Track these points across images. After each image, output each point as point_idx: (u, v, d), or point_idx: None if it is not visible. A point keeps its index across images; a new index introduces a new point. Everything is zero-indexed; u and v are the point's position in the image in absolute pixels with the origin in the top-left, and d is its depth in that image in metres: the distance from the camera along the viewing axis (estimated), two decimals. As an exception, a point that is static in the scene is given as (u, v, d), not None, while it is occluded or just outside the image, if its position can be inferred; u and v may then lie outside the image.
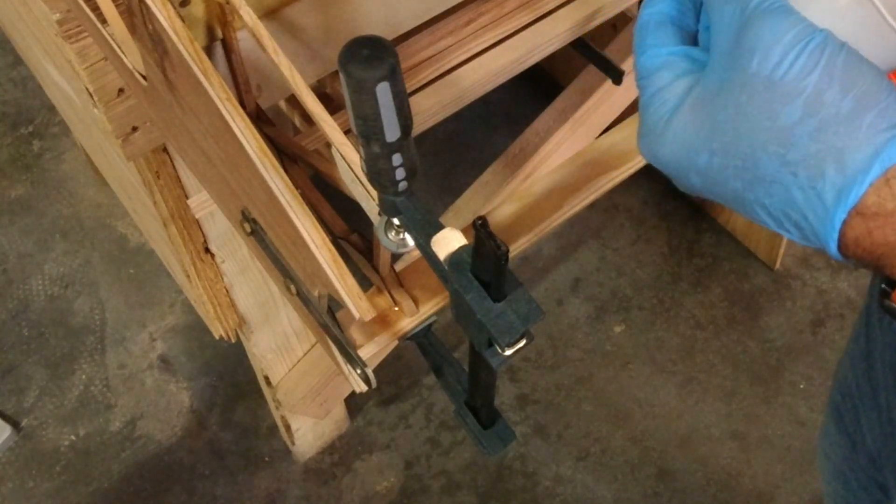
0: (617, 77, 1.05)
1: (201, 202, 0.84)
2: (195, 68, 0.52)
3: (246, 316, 1.04)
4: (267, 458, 1.45)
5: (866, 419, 0.73)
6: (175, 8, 0.54)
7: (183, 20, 0.54)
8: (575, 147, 1.22)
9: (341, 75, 0.44)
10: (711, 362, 1.53)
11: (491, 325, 0.45)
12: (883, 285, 0.45)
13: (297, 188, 0.52)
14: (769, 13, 0.38)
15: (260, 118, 0.76)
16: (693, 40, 0.45)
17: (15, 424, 1.47)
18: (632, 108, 1.23)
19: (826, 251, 0.39)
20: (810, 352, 1.53)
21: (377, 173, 0.50)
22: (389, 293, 0.78)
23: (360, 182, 0.57)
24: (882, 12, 0.39)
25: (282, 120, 1.18)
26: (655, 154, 0.43)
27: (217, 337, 1.04)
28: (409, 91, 0.67)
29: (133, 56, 0.60)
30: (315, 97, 0.59)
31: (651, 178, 1.65)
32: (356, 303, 0.52)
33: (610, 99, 1.23)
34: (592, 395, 1.50)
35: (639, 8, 0.45)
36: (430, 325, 0.78)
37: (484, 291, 0.46)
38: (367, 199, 0.57)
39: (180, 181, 0.82)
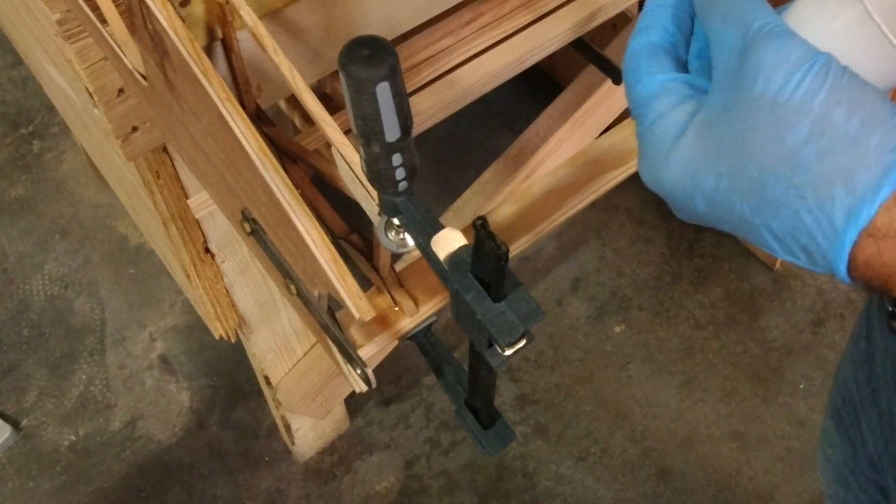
0: (617, 77, 1.05)
1: (201, 202, 0.84)
2: (195, 68, 0.52)
3: (246, 316, 1.04)
4: (267, 458, 1.45)
5: (867, 422, 0.73)
6: (175, 8, 0.54)
7: (183, 20, 0.54)
8: (575, 147, 1.22)
9: (341, 75, 0.44)
10: (711, 362, 1.52)
11: (491, 325, 0.45)
12: (890, 308, 0.44)
13: (297, 188, 0.52)
14: (772, 36, 0.38)
15: (260, 118, 0.76)
16: (684, 69, 0.44)
17: (15, 424, 1.47)
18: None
19: (835, 274, 0.38)
20: (810, 352, 1.53)
21: (377, 173, 0.50)
22: (389, 293, 0.78)
23: (360, 182, 0.57)
24: (884, 31, 0.38)
25: (282, 120, 1.18)
26: (660, 180, 0.42)
27: (217, 337, 1.04)
28: (409, 91, 0.67)
29: (133, 56, 0.60)
30: (315, 97, 0.59)
31: (651, 178, 1.65)
32: (356, 303, 0.52)
33: (610, 99, 1.23)
34: (592, 395, 1.50)
35: (638, 9, 0.45)
36: (430, 325, 0.78)
37: (484, 291, 0.46)
38: (367, 199, 0.58)
39: (180, 181, 0.82)
